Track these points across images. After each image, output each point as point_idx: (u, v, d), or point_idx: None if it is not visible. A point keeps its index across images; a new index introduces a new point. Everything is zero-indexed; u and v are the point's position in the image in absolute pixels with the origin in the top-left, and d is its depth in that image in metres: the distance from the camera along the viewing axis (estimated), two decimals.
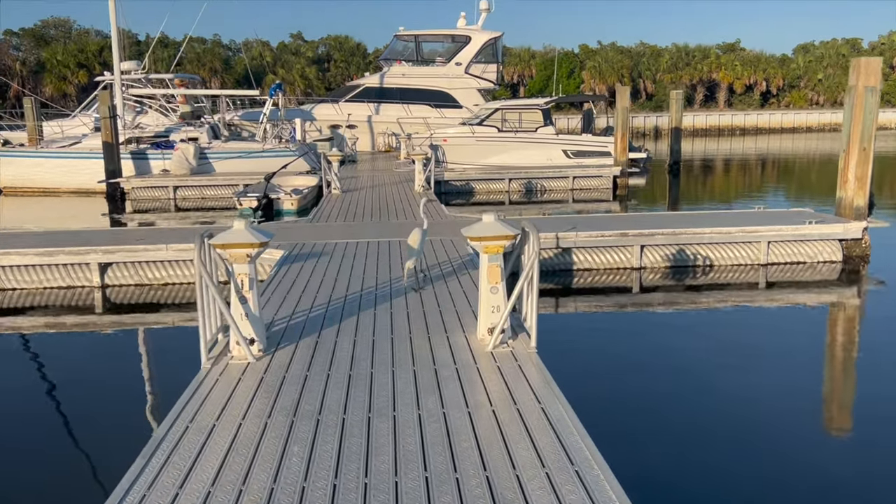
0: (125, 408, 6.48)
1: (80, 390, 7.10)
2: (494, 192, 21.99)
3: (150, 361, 8.04)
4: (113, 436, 5.87)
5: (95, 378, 7.48)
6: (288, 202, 17.52)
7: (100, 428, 6.10)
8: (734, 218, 12.14)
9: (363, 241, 10.64)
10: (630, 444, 5.63)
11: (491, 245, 5.61)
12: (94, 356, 8.46)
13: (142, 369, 7.76)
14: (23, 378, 7.50)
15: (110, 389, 7.13)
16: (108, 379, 7.43)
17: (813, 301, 10.29)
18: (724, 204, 21.21)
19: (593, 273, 11.20)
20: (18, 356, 8.35)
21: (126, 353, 8.56)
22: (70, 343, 8.88)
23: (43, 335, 9.01)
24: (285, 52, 73.21)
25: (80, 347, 8.78)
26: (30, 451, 5.69)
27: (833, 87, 70.60)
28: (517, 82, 71.54)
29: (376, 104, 33.00)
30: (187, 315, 9.42)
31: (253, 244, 5.37)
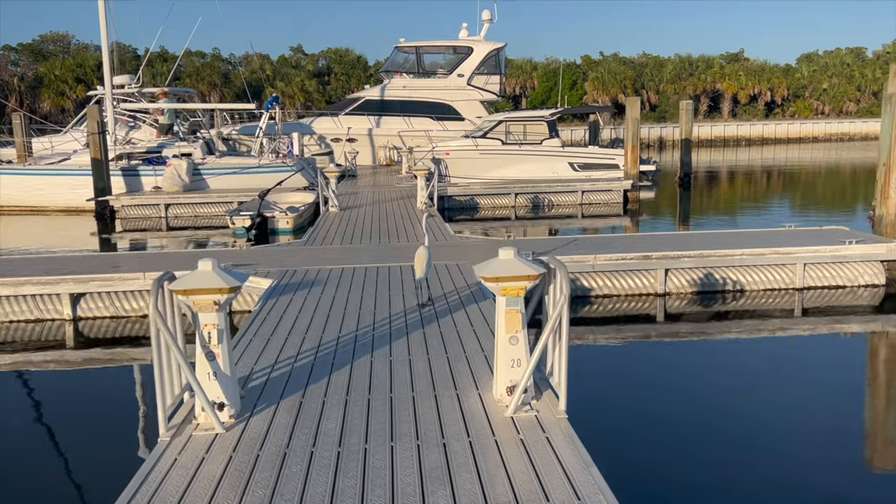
0: (76, 478, 5.50)
1: (27, 449, 6.12)
2: (500, 207, 21.06)
3: (120, 408, 7.06)
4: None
5: (51, 431, 6.51)
6: (283, 220, 16.60)
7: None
8: (764, 237, 11.18)
9: (361, 267, 9.68)
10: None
11: (510, 287, 4.65)
12: (57, 401, 7.49)
13: (108, 419, 6.78)
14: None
15: (68, 447, 6.16)
16: (66, 433, 6.45)
17: (854, 329, 9.34)
18: (743, 219, 20.26)
19: (613, 300, 10.24)
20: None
21: (95, 396, 7.58)
22: (34, 384, 7.91)
23: (3, 375, 8.05)
24: (285, 66, 72.57)
25: (44, 390, 7.81)
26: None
27: (838, 96, 69.83)
28: (519, 94, 70.79)
29: (377, 117, 32.19)
30: None
31: (222, 289, 4.41)
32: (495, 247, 10.94)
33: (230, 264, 9.78)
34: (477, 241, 11.90)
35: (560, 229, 18.79)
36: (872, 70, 70.52)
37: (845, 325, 9.43)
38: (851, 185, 30.82)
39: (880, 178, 10.94)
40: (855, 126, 63.99)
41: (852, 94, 69.79)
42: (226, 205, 20.32)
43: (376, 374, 5.46)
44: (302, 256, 10.70)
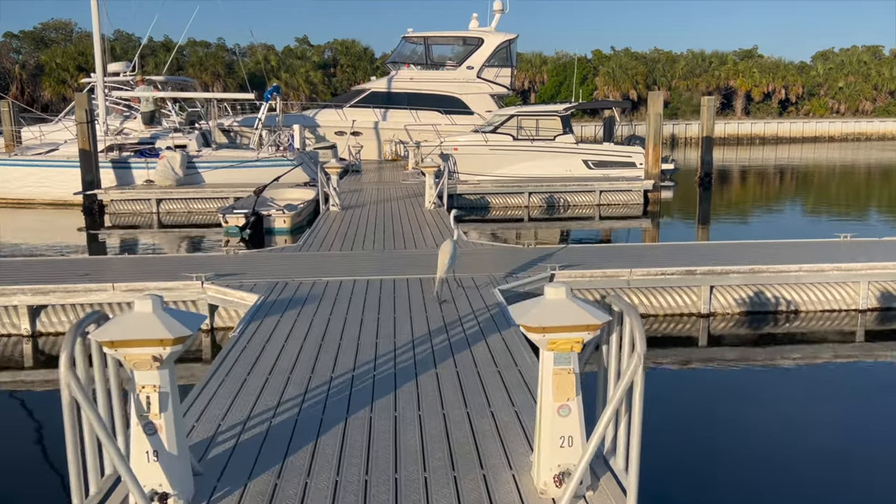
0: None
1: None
2: (512, 206, 19.78)
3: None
4: None
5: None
6: (280, 219, 15.36)
7: None
8: (818, 249, 9.89)
9: (362, 280, 8.43)
10: None
11: (561, 340, 3.39)
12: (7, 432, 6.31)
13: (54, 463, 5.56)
14: None
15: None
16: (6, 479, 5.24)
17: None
18: (773, 224, 18.95)
19: (650, 320, 8.97)
20: None
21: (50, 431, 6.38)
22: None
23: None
24: (290, 57, 71.28)
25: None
26: None
27: (854, 95, 68.27)
28: (528, 88, 69.41)
29: (383, 110, 30.97)
30: None
31: (165, 340, 3.17)
32: (514, 255, 9.70)
33: (212, 274, 8.55)
34: (493, 248, 10.63)
35: (577, 231, 17.52)
36: (890, 68, 68.94)
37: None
38: (880, 187, 29.45)
39: None
40: (872, 126, 62.48)
41: (869, 93, 68.23)
42: (221, 200, 19.10)
43: (377, 440, 4.20)
44: (296, 264, 9.45)
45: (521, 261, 9.44)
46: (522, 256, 9.75)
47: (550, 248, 10.34)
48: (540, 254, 9.95)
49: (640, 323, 3.36)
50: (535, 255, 9.83)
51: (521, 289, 8.18)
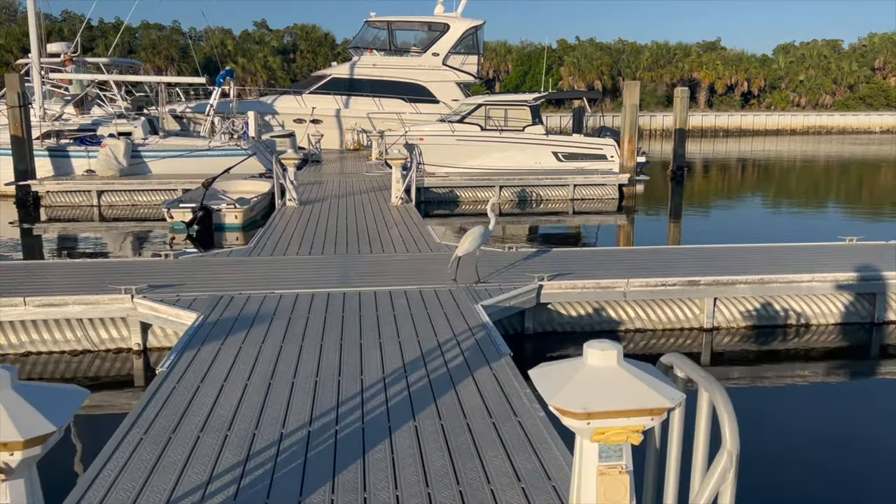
0: None
1: None
2: (483, 201, 18.68)
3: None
4: None
5: None
6: (231, 215, 14.06)
7: None
8: (824, 255, 9.03)
9: (322, 293, 7.26)
10: None
11: (613, 430, 2.32)
12: None
13: None
14: None
15: None
16: None
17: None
18: (755, 221, 18.23)
19: (647, 335, 7.99)
20: None
21: None
22: None
23: None
24: (248, 41, 68.96)
25: None
26: None
27: (814, 88, 68.76)
28: (493, 77, 68.43)
29: (344, 97, 29.67)
30: None
31: (11, 444, 2.02)
32: (494, 261, 8.59)
33: (145, 286, 7.30)
34: None
35: (552, 228, 16.56)
36: (849, 63, 69.60)
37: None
38: (849, 180, 29.11)
39: None
40: (833, 119, 62.97)
41: (829, 87, 68.78)
42: (169, 192, 17.66)
43: None
44: (245, 272, 8.23)
45: (502, 267, 8.38)
46: (503, 262, 8.69)
47: (533, 252, 9.29)
48: (522, 259, 8.89)
49: (731, 406, 2.31)
50: (517, 261, 8.77)
51: (507, 303, 7.12)
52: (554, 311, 7.85)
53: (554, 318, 7.86)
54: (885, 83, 68.59)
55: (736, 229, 16.78)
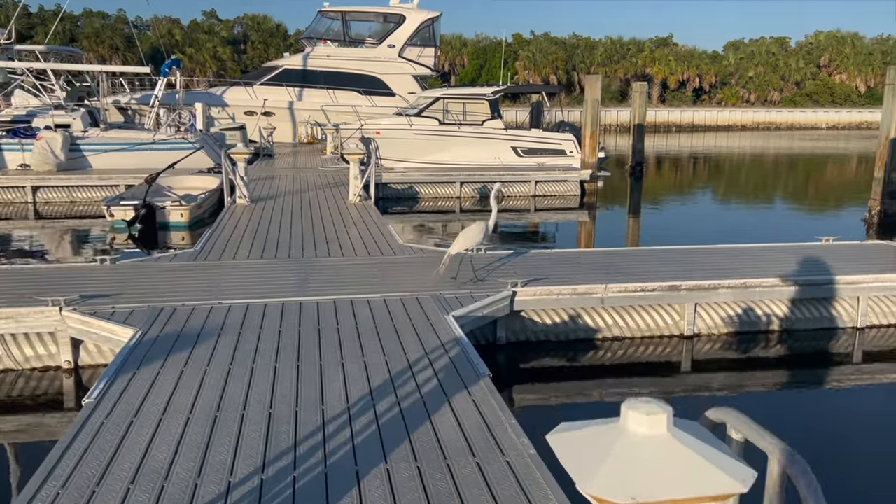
0: None
1: None
2: (443, 197, 18.15)
3: None
4: None
5: None
6: (176, 213, 13.19)
7: None
8: (801, 256, 8.70)
9: (276, 303, 6.59)
10: None
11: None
12: None
13: None
14: None
15: None
16: None
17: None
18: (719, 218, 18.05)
19: (625, 344, 7.53)
20: None
21: None
22: None
23: None
24: (197, 31, 66.98)
25: None
26: None
27: (763, 85, 70.04)
28: (448, 71, 67.85)
29: (298, 89, 28.81)
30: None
31: None
32: (462, 264, 8.01)
33: (77, 297, 6.53)
34: (436, 254, 8.92)
35: (515, 225, 16.08)
36: (796, 60, 71.06)
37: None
38: (803, 175, 29.39)
39: None
40: (781, 115, 64.22)
41: (777, 84, 70.13)
42: (110, 188, 16.65)
43: None
44: (190, 279, 7.49)
45: (471, 271, 7.82)
46: (472, 265, 8.13)
47: (502, 255, 8.75)
48: (491, 262, 8.35)
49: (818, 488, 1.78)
50: (485, 264, 8.22)
51: (479, 312, 6.56)
52: (528, 319, 7.33)
53: (528, 327, 7.34)
54: (830, 80, 70.27)
55: (701, 226, 16.55)
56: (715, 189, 24.82)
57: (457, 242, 7.24)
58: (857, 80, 69.40)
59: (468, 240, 7.16)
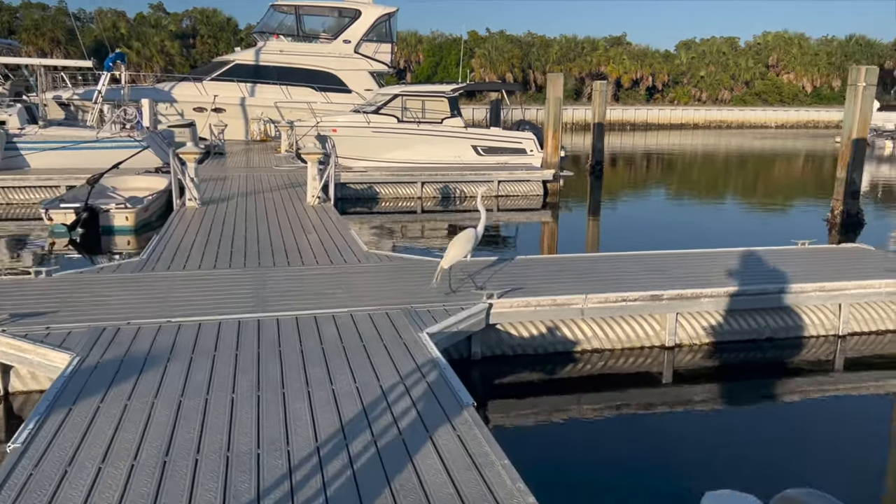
0: None
1: None
2: (404, 197, 17.63)
3: None
4: None
5: None
6: (121, 216, 12.40)
7: None
8: (779, 261, 8.46)
9: (231, 321, 6.00)
10: None
11: None
12: None
13: None
14: None
15: None
16: None
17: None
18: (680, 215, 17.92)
19: (605, 356, 7.16)
20: None
21: None
22: None
23: None
24: (143, 25, 64.86)
25: None
26: None
27: (714, 84, 71.11)
28: (404, 68, 67.17)
29: (250, 85, 27.96)
30: None
31: None
32: (432, 272, 7.46)
33: (6, 316, 5.85)
34: (403, 262, 8.43)
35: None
36: (745, 60, 72.32)
37: None
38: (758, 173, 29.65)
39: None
40: (732, 114, 65.38)
41: (727, 83, 71.28)
42: (50, 190, 15.69)
43: None
44: (136, 293, 6.85)
45: (443, 280, 7.34)
46: (449, 275, 7.66)
47: (475, 262, 8.29)
48: (462, 269, 7.88)
49: None
50: (456, 272, 7.75)
51: (455, 328, 6.09)
52: (504, 332, 6.89)
53: (504, 340, 6.90)
54: (778, 80, 71.77)
55: (665, 227, 16.35)
56: (674, 188, 24.83)
57: (448, 253, 6.85)
58: (804, 79, 71.01)
59: (460, 249, 6.81)
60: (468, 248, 6.84)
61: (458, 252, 6.81)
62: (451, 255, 6.81)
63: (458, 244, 6.81)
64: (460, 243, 6.81)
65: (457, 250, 6.80)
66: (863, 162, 14.42)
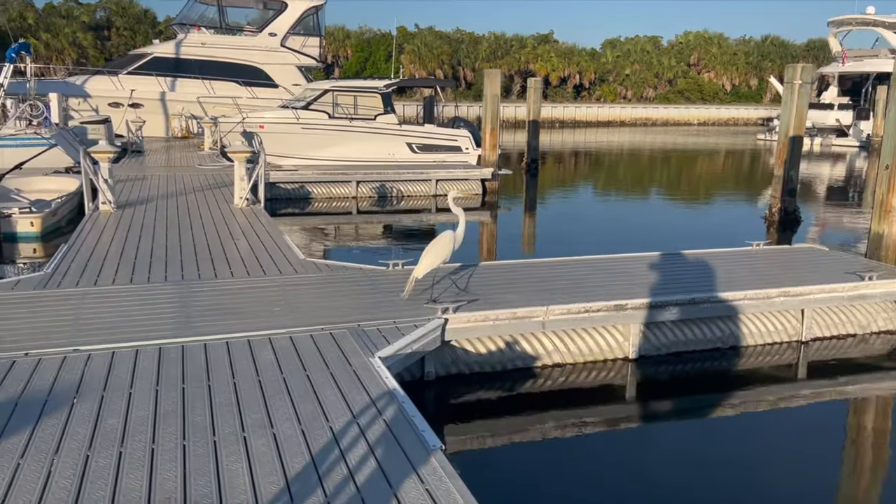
0: None
1: None
2: (338, 197, 16.83)
3: None
4: None
5: None
6: (25, 221, 11.24)
7: None
8: (738, 264, 8.17)
9: (152, 349, 5.20)
10: None
11: None
12: None
13: None
14: None
15: None
16: None
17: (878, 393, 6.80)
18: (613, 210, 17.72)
19: (566, 370, 6.66)
20: None
21: None
22: None
23: None
24: (53, 15, 61.39)
25: None
26: None
27: (639, 82, 72.54)
28: (332, 63, 65.83)
29: (170, 79, 26.57)
30: None
31: None
32: (376, 282, 6.72)
33: None
34: (345, 272, 7.72)
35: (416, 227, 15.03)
36: (668, 58, 74.03)
37: (866, 388, 6.79)
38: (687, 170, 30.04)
39: (881, 187, 8.28)
40: (657, 112, 66.81)
41: (651, 81, 72.82)
42: None
43: None
44: (38, 314, 5.93)
45: (390, 292, 6.70)
46: (389, 283, 7.01)
47: None
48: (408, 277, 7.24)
49: None
50: (404, 281, 7.12)
51: (408, 349, 5.45)
52: (459, 349, 6.30)
53: (459, 358, 6.31)
54: (699, 78, 73.78)
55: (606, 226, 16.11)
56: (610, 186, 24.80)
57: (423, 261, 6.28)
58: (724, 78, 73.20)
59: (436, 256, 6.24)
60: (445, 254, 6.27)
61: (434, 259, 6.22)
62: (426, 263, 6.23)
63: (433, 251, 6.23)
64: (436, 250, 6.23)
65: (432, 258, 6.22)
66: (799, 159, 14.48)
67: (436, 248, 6.26)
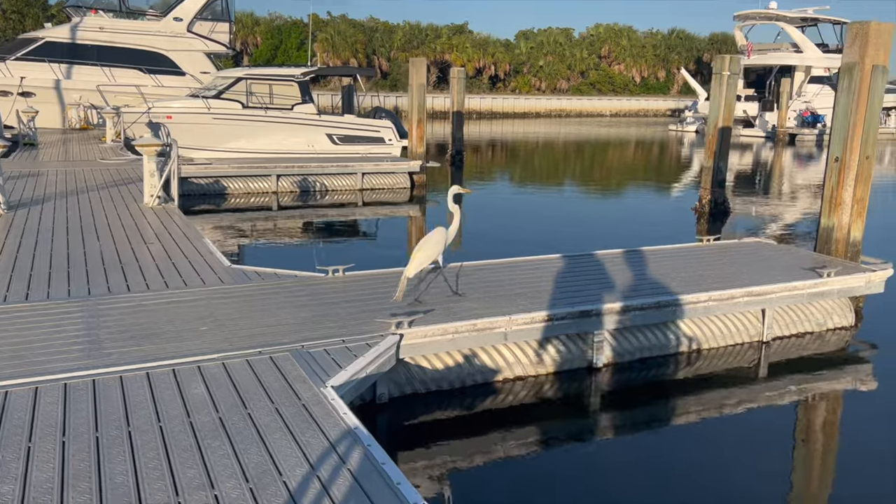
0: None
1: None
2: (257, 192, 15.81)
3: None
4: None
5: None
6: None
7: None
8: (694, 262, 7.86)
9: (53, 385, 4.32)
10: None
11: None
12: None
13: None
14: None
15: None
16: None
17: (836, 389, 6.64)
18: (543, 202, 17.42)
19: (529, 384, 6.14)
20: None
21: None
22: None
23: None
24: None
25: None
26: None
27: (553, 74, 73.39)
28: (241, 50, 63.40)
29: (66, 66, 24.69)
30: None
31: None
32: (317, 292, 5.95)
33: None
34: (278, 281, 6.92)
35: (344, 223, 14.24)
36: (580, 50, 75.18)
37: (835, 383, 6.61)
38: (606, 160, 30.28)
39: (830, 180, 8.13)
40: (571, 103, 67.84)
41: (564, 73, 73.81)
42: None
43: None
44: None
45: (332, 303, 5.98)
46: (329, 293, 6.29)
47: (368, 275, 6.96)
48: (355, 287, 6.54)
49: None
50: (348, 291, 6.40)
51: (362, 373, 4.76)
52: (414, 367, 5.66)
53: (415, 377, 5.67)
54: (610, 70, 75.32)
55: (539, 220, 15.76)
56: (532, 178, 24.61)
57: (415, 258, 5.65)
58: (633, 70, 74.96)
59: (429, 253, 5.63)
60: (438, 251, 5.66)
61: (427, 255, 5.61)
62: (418, 261, 5.61)
63: (426, 247, 5.62)
64: (429, 246, 5.63)
65: (425, 254, 5.61)
66: (728, 151, 14.53)
67: (428, 244, 5.68)
